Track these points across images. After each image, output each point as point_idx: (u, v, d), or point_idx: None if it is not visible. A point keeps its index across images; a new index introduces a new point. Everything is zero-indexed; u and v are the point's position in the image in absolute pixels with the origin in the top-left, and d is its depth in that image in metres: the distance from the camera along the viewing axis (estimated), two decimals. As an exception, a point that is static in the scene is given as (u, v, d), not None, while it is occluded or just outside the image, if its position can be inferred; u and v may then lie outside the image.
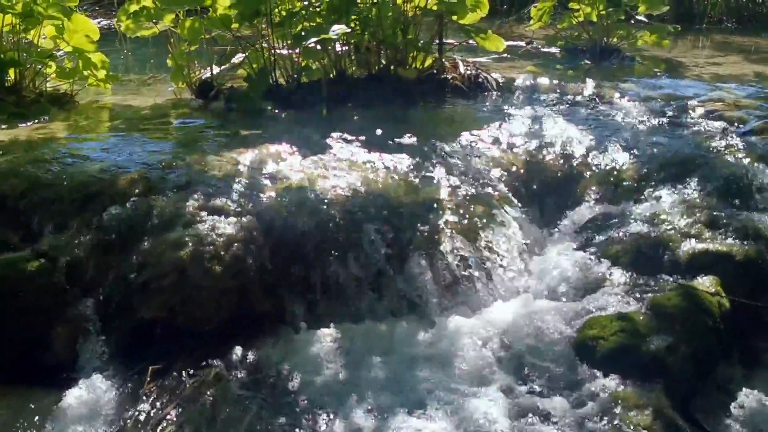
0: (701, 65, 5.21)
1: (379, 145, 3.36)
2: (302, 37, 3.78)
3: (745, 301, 2.67)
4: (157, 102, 3.97)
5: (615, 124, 3.78)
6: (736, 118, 3.85)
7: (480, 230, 2.87)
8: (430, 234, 2.78)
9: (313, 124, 3.68)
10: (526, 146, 3.50)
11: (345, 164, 3.08)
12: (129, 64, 5.17)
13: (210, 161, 2.95)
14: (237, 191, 2.74)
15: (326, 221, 2.72)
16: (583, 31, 5.51)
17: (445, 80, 4.42)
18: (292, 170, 2.95)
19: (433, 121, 3.87)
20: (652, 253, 2.84)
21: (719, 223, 2.94)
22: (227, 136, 3.36)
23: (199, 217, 2.58)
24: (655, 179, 3.24)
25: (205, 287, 2.43)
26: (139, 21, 3.95)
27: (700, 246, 2.83)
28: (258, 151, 3.10)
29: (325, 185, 2.86)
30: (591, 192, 3.25)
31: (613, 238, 2.92)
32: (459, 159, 3.31)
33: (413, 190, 2.97)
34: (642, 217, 3.00)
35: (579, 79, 4.63)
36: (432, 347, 2.48)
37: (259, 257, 2.55)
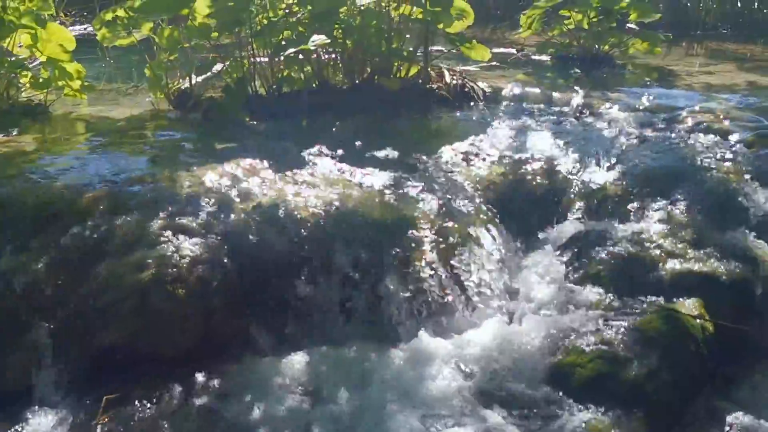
0: (693, 74, 5.12)
1: (358, 159, 3.27)
2: (282, 47, 3.70)
3: (729, 324, 2.58)
4: (134, 113, 3.88)
5: (601, 137, 3.69)
6: (725, 130, 3.76)
7: (457, 249, 2.78)
8: (404, 254, 2.69)
9: (292, 136, 3.59)
10: (509, 160, 3.41)
11: (320, 179, 3.00)
12: (112, 73, 5.08)
13: (180, 177, 2.86)
14: (205, 209, 2.65)
15: (296, 241, 2.63)
16: (574, 38, 5.42)
17: (430, 90, 4.33)
18: (264, 186, 2.86)
19: (416, 133, 3.78)
20: (635, 273, 2.75)
21: (704, 241, 2.85)
22: (201, 150, 3.27)
23: (163, 237, 2.49)
24: (640, 195, 3.15)
25: (167, 311, 2.34)
26: (115, 30, 3.87)
27: (684, 266, 2.74)
28: (231, 165, 3.01)
29: (298, 202, 2.78)
30: (574, 208, 3.16)
31: (595, 257, 2.83)
32: (439, 173, 3.23)
33: (389, 207, 2.88)
34: (625, 235, 2.91)
35: (568, 89, 4.54)
36: (403, 373, 2.39)
37: (224, 279, 2.46)
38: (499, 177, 3.30)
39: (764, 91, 4.58)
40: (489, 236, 2.91)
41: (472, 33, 7.19)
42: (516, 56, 5.69)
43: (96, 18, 3.89)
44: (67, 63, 3.78)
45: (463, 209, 3.00)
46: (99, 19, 3.85)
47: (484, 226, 2.96)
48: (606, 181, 3.25)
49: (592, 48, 5.38)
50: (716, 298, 2.66)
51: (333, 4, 3.97)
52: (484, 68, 5.17)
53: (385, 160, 3.30)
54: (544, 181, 3.31)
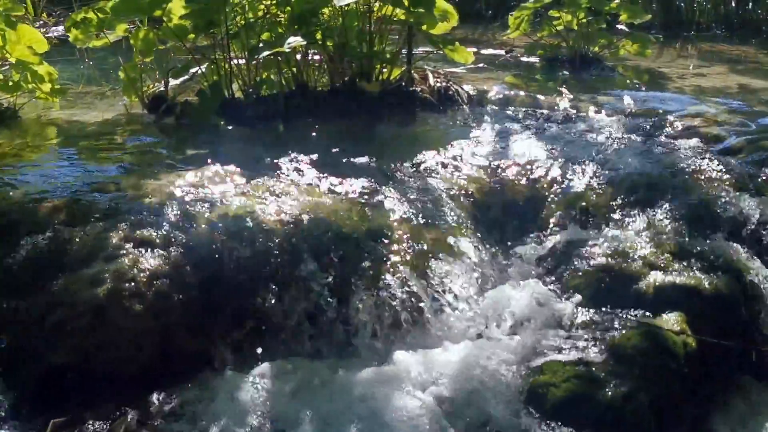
0: (684, 76, 5.03)
1: (333, 166, 3.17)
2: (258, 49, 3.59)
3: (712, 340, 2.48)
4: (107, 117, 3.78)
5: (587, 142, 3.59)
6: (713, 135, 3.67)
7: (432, 262, 2.68)
8: (376, 266, 2.59)
9: (267, 141, 3.50)
10: (490, 167, 3.30)
11: (293, 188, 2.89)
12: (91, 75, 4.98)
13: (146, 185, 2.76)
14: (169, 220, 2.55)
15: (263, 252, 2.52)
16: (563, 40, 5.32)
17: (413, 93, 4.23)
18: (233, 195, 2.76)
19: (395, 138, 3.68)
20: (616, 286, 2.65)
21: (689, 253, 2.75)
22: (171, 156, 3.18)
23: (122, 249, 2.39)
24: (624, 203, 3.04)
25: (123, 328, 2.24)
26: (88, 31, 3.77)
27: (666, 279, 2.64)
28: (200, 173, 2.91)
29: (267, 212, 2.67)
30: (555, 217, 3.06)
31: (575, 270, 2.73)
32: (416, 181, 3.12)
33: (363, 218, 2.78)
34: (607, 246, 2.81)
35: (555, 92, 4.45)
36: (370, 392, 2.29)
37: (186, 293, 2.36)
38: (478, 185, 3.19)
39: (755, 94, 4.49)
40: (466, 247, 2.81)
41: (462, 33, 7.10)
42: (504, 57, 5.60)
43: (68, 19, 3.80)
44: (38, 65, 3.68)
45: (440, 219, 2.90)
46: (71, 19, 3.76)
47: (461, 236, 2.86)
48: (589, 189, 3.15)
49: (582, 49, 5.29)
50: (699, 313, 2.56)
51: (313, 6, 3.87)
52: (472, 70, 5.08)
53: (361, 167, 3.19)
54: (525, 188, 3.21)
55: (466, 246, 2.82)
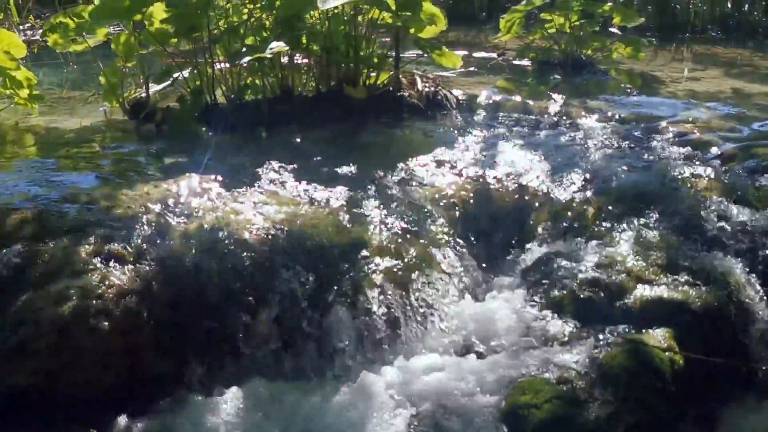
0: (678, 80, 4.95)
1: (315, 175, 3.09)
2: (239, 54, 3.52)
3: (701, 357, 2.41)
4: (87, 124, 3.70)
5: (576, 149, 3.52)
6: (705, 142, 3.59)
7: (414, 275, 2.60)
8: (356, 280, 2.51)
9: (249, 149, 3.42)
10: (476, 176, 3.22)
11: (272, 198, 2.82)
12: (76, 79, 4.89)
13: (119, 196, 2.68)
14: (141, 233, 2.47)
15: (238, 267, 2.44)
16: (555, 43, 5.25)
17: (401, 98, 4.14)
18: (209, 206, 2.68)
19: (381, 145, 3.60)
20: (602, 300, 2.57)
21: (677, 266, 2.67)
22: (148, 165, 3.11)
23: (90, 264, 2.31)
24: (612, 214, 2.96)
25: (88, 348, 2.16)
26: (67, 35, 3.68)
27: (654, 293, 2.56)
28: (177, 183, 2.83)
29: (243, 224, 2.59)
30: (542, 228, 2.98)
31: (561, 283, 2.65)
32: (401, 191, 3.05)
33: (343, 229, 2.70)
34: (593, 258, 2.73)
35: (546, 96, 4.37)
36: (347, 412, 2.21)
37: (155, 311, 2.28)
38: (464, 194, 3.11)
39: (749, 99, 4.41)
40: (449, 260, 2.73)
41: (454, 35, 7.02)
42: (496, 61, 5.52)
43: (46, 23, 3.72)
44: (15, 70, 3.60)
45: (423, 230, 2.82)
46: (49, 23, 3.67)
47: (445, 249, 2.78)
48: (577, 199, 3.07)
49: (574, 52, 5.21)
50: (688, 328, 2.48)
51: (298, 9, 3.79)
52: (462, 73, 5.00)
53: (344, 176, 3.12)
54: (512, 198, 3.13)
55: (450, 259, 2.74)
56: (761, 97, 4.44)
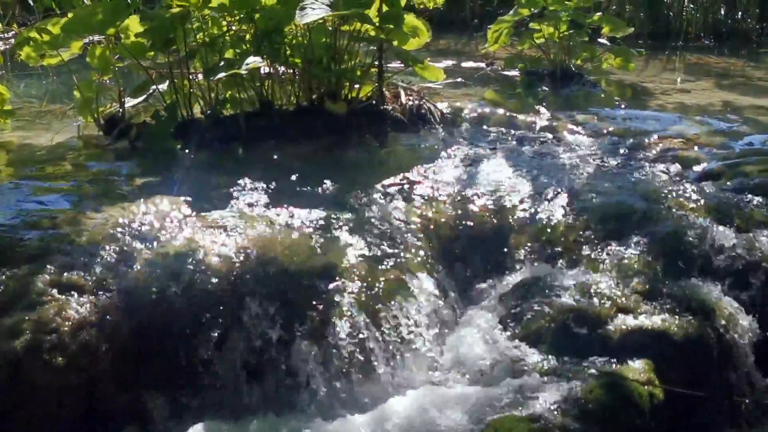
0: (668, 92, 4.87)
1: (290, 195, 3.02)
2: (214, 70, 3.43)
3: (681, 390, 2.33)
4: (61, 140, 3.61)
5: (560, 167, 3.44)
6: (692, 159, 3.52)
7: (386, 304, 2.51)
8: (326, 310, 2.42)
9: (225, 166, 3.33)
10: (457, 195, 3.14)
11: (243, 221, 2.73)
12: (55, 92, 4.80)
13: (83, 220, 2.60)
14: (103, 260, 2.39)
15: (204, 296, 2.36)
16: (544, 53, 5.17)
17: (384, 112, 4.06)
18: (177, 230, 2.60)
19: (361, 162, 3.52)
20: (580, 330, 2.48)
21: (659, 293, 2.59)
22: (118, 186, 3.02)
23: (47, 295, 2.22)
24: (594, 237, 2.89)
25: (43, 384, 2.08)
26: (40, 49, 3.60)
27: (634, 322, 2.48)
28: (146, 204, 2.75)
29: (211, 249, 2.51)
30: (522, 251, 2.90)
31: (539, 311, 2.57)
32: (378, 212, 2.96)
33: (315, 254, 2.62)
34: (573, 285, 2.65)
35: (532, 109, 4.29)
36: (314, 451, 2.14)
37: (115, 343, 2.20)
38: (442, 215, 3.03)
39: (739, 112, 4.34)
40: (424, 287, 2.65)
41: (444, 44, 6.96)
42: (484, 71, 5.44)
43: (19, 36, 3.64)
44: (-13, 86, 3.53)
45: (399, 255, 2.74)
46: (21, 36, 3.59)
47: (421, 274, 2.70)
48: (558, 220, 2.99)
49: (563, 63, 5.13)
50: (668, 359, 2.40)
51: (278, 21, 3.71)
52: (449, 85, 4.93)
53: (319, 196, 3.04)
54: (492, 219, 3.05)
55: (426, 285, 2.66)
56: (751, 110, 4.36)
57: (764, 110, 4.38)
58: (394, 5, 3.78)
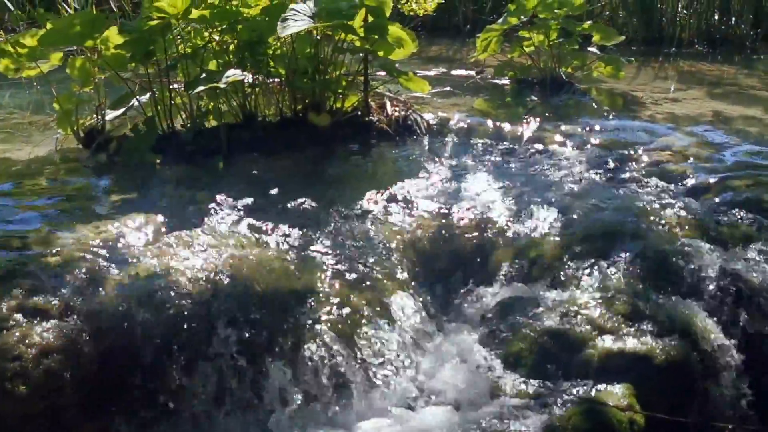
0: (658, 101, 4.81)
1: (269, 211, 2.96)
2: (193, 84, 3.38)
3: (663, 416, 2.27)
4: (40, 153, 3.56)
5: (545, 181, 3.38)
6: (680, 172, 3.46)
7: (363, 326, 2.46)
8: (299, 334, 2.37)
9: (203, 181, 3.27)
10: (440, 211, 3.09)
11: (219, 239, 2.68)
12: (40, 102, 4.73)
13: (55, 239, 2.54)
14: (71, 283, 2.33)
15: (174, 319, 2.31)
16: (533, 62, 5.11)
17: (369, 123, 4.00)
18: (150, 250, 2.54)
19: (343, 176, 3.46)
20: (561, 353, 2.43)
21: (642, 314, 2.54)
22: (93, 203, 2.96)
23: (11, 320, 2.17)
24: (578, 254, 2.83)
25: (4, 414, 2.02)
26: (18, 62, 3.55)
27: (615, 345, 2.43)
28: (120, 223, 2.70)
29: (184, 271, 2.45)
30: (503, 269, 2.85)
31: (519, 332, 2.51)
32: (357, 228, 2.91)
33: (289, 275, 2.56)
34: (554, 305, 2.60)
35: (520, 120, 4.22)
36: (284, 481, 2.09)
37: (81, 370, 2.15)
38: (424, 231, 2.98)
39: (730, 123, 4.28)
40: (403, 308, 2.60)
41: (436, 51, 6.90)
42: (474, 79, 5.38)
43: None
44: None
45: (378, 274, 2.69)
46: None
47: (400, 294, 2.64)
48: (542, 238, 2.94)
49: (554, 71, 5.07)
50: (650, 384, 2.35)
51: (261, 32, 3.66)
52: (438, 94, 4.86)
53: (298, 212, 2.98)
54: (474, 236, 3.00)
55: (404, 306, 2.60)
56: (742, 121, 4.30)
57: (754, 120, 4.32)
58: (378, 16, 3.73)
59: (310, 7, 3.50)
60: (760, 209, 3.06)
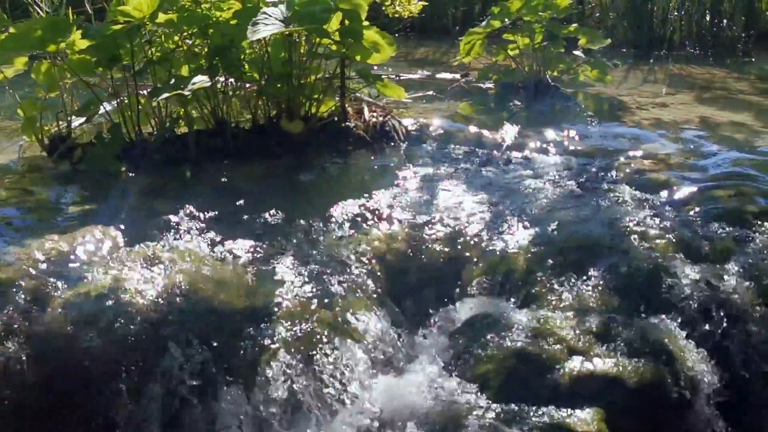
0: (645, 106, 4.71)
1: (234, 223, 2.86)
2: (157, 91, 3.27)
3: (634, 443, 2.18)
4: (1, 162, 3.45)
5: (523, 191, 3.28)
6: (662, 182, 3.35)
7: (324, 346, 2.36)
8: (254, 355, 2.27)
9: (169, 191, 3.17)
10: (411, 223, 2.99)
11: (178, 254, 2.58)
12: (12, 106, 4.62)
13: (4, 255, 2.44)
14: (15, 303, 2.23)
15: (123, 340, 2.21)
16: (518, 65, 5.01)
17: (346, 129, 3.91)
18: (104, 267, 2.44)
19: (315, 185, 3.36)
20: (529, 375, 2.33)
21: (614, 333, 2.44)
22: (51, 214, 2.86)
23: (-52, 344, 2.07)
24: (552, 269, 2.73)
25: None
26: (-21, 66, 3.45)
27: (585, 367, 2.32)
28: (75, 237, 2.59)
29: (137, 288, 2.35)
30: (474, 285, 2.74)
31: (487, 353, 2.41)
32: (323, 242, 2.81)
33: (250, 291, 2.46)
34: (525, 323, 2.49)
35: (502, 126, 4.12)
36: None
37: (22, 395, 2.05)
38: (394, 244, 2.88)
39: (716, 129, 4.18)
40: (368, 326, 2.49)
41: (423, 53, 6.80)
42: (459, 83, 5.28)
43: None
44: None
45: (342, 290, 2.58)
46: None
47: (365, 312, 2.54)
48: (515, 251, 2.83)
49: (539, 75, 4.97)
50: (621, 407, 2.25)
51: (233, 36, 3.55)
52: (421, 98, 4.77)
53: (265, 224, 2.88)
54: (446, 249, 2.89)
55: (368, 324, 2.50)
56: (728, 127, 4.20)
57: (741, 127, 4.22)
58: (354, 20, 3.62)
59: (282, 10, 3.40)
60: (741, 221, 2.96)
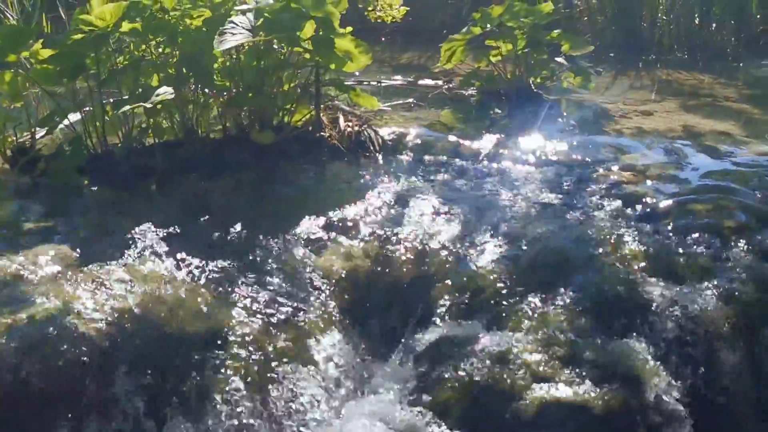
0: (629, 114, 4.61)
1: (196, 241, 2.77)
2: (120, 103, 3.19)
3: (599, 475, 2.09)
4: (-37, 174, 3.37)
5: (495, 204, 3.19)
6: (639, 195, 3.26)
7: (278, 373, 2.27)
8: (205, 380, 2.19)
9: (132, 206, 3.08)
10: (380, 239, 2.91)
11: (133, 274, 2.49)
12: None
13: (-52, 278, 2.36)
14: (-44, 328, 2.15)
15: (67, 368, 2.12)
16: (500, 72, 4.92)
17: (320, 140, 3.82)
18: (53, 289, 2.35)
19: (284, 199, 3.27)
20: (492, 403, 2.25)
21: (582, 357, 2.35)
22: (5, 232, 2.76)
23: None
24: (520, 288, 2.64)
25: None
26: (-60, 76, 3.35)
27: (551, 393, 2.24)
28: (24, 257, 2.50)
29: (86, 311, 2.26)
30: (441, 305, 2.65)
31: (449, 378, 2.33)
32: (286, 260, 2.72)
33: (204, 315, 2.37)
34: (490, 347, 2.40)
35: (481, 136, 4.04)
36: None
37: (-43, 428, 1.96)
38: (360, 262, 2.79)
39: (699, 139, 4.08)
40: (328, 350, 2.41)
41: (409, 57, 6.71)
42: (440, 90, 5.18)
43: None
44: None
45: (303, 312, 2.50)
46: None
47: (326, 335, 2.46)
48: (484, 269, 2.75)
49: (521, 82, 4.88)
50: (587, 437, 2.17)
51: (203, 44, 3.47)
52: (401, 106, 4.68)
53: (228, 242, 2.79)
54: (414, 267, 2.81)
55: (328, 348, 2.42)
56: (711, 136, 4.11)
57: (725, 136, 4.13)
58: (326, 28, 3.54)
59: (249, 19, 3.32)
60: (719, 237, 2.88)
